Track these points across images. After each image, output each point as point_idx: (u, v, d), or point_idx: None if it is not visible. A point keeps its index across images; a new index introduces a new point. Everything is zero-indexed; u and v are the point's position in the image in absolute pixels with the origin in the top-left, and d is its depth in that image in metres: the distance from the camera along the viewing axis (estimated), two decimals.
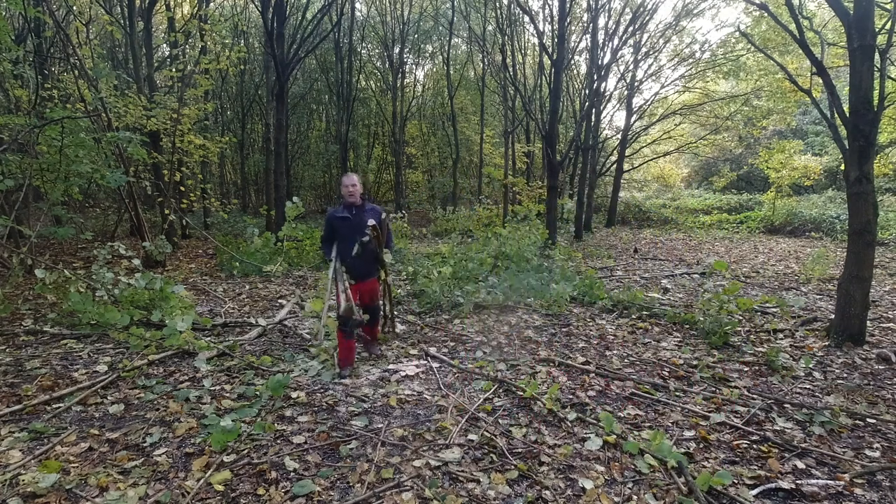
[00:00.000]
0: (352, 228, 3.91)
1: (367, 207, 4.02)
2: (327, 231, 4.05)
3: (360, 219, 3.93)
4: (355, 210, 3.95)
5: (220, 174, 22.72)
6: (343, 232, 3.94)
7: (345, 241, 3.93)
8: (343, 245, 3.94)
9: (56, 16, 8.01)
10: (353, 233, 3.90)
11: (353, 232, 3.90)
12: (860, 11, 4.48)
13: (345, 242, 3.93)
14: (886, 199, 16.09)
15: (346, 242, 3.92)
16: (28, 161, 6.57)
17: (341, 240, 3.95)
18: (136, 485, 2.42)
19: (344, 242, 3.93)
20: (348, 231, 3.92)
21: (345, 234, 3.93)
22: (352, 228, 3.91)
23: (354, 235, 3.88)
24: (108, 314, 4.22)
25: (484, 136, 19.52)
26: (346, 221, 3.93)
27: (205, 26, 10.70)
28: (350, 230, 3.91)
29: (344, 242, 3.93)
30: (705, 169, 26.81)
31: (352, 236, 3.90)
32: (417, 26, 20.14)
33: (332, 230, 4.01)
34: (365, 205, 4.02)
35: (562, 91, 14.86)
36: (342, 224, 3.94)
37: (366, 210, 3.99)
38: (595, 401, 3.49)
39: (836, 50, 11.36)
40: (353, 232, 3.90)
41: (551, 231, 10.55)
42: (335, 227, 3.97)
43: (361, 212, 3.96)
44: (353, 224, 3.91)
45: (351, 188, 3.91)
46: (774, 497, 2.41)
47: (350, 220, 3.92)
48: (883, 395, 3.59)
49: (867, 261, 4.58)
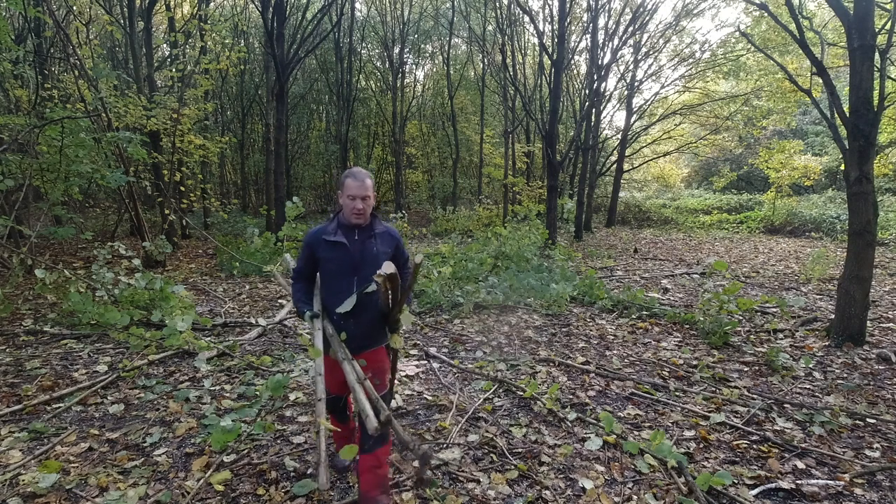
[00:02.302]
0: (349, 264, 2.22)
1: (379, 229, 2.31)
2: (304, 263, 2.33)
3: (364, 248, 2.24)
4: (358, 233, 2.25)
5: (220, 174, 22.71)
6: (332, 268, 2.25)
7: (335, 283, 2.26)
8: (331, 290, 2.28)
9: (56, 16, 8.01)
10: (349, 271, 2.23)
11: (351, 270, 2.23)
12: (860, 11, 4.48)
13: (335, 286, 2.26)
14: (886, 199, 16.09)
15: (336, 286, 2.26)
16: (28, 161, 6.57)
17: (329, 280, 2.29)
18: (136, 485, 2.42)
19: (333, 286, 2.27)
20: (342, 268, 2.23)
21: (335, 272, 2.25)
22: (349, 264, 2.22)
23: (352, 276, 2.23)
24: (108, 314, 4.23)
25: (484, 136, 19.52)
26: (339, 251, 2.22)
27: (205, 26, 10.71)
28: (346, 266, 2.23)
29: (333, 286, 2.27)
30: (705, 169, 26.82)
31: (347, 277, 2.23)
32: (417, 26, 20.14)
33: (313, 263, 2.32)
34: (375, 224, 2.31)
35: (562, 91, 14.87)
36: (333, 254, 2.23)
37: (375, 234, 2.29)
38: (595, 401, 3.49)
39: (836, 50, 11.37)
40: (351, 270, 2.23)
41: (551, 231, 10.55)
42: (320, 258, 2.27)
43: (368, 237, 2.26)
44: (353, 256, 2.22)
45: (361, 202, 2.19)
46: (774, 497, 2.41)
47: (347, 248, 2.22)
48: (883, 395, 3.59)
49: (867, 261, 4.58)
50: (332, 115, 22.50)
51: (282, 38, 9.95)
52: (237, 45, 14.29)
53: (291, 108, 18.46)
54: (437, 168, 24.96)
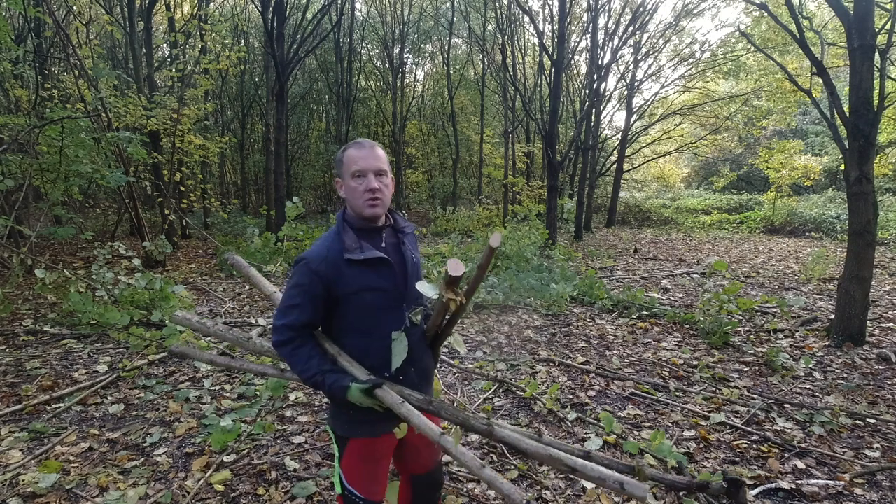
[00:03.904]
0: (395, 290, 1.49)
1: (408, 228, 1.61)
2: (312, 309, 1.43)
3: (404, 258, 1.53)
4: (386, 237, 1.53)
5: (220, 174, 22.70)
6: (371, 302, 1.45)
7: (377, 324, 1.47)
8: (371, 337, 1.48)
9: (56, 16, 8.01)
10: (397, 300, 1.50)
11: (397, 298, 1.50)
12: (860, 11, 4.48)
13: (377, 329, 1.47)
14: (886, 199, 16.09)
15: (378, 329, 1.47)
16: (28, 161, 6.57)
17: (365, 321, 1.47)
18: (136, 485, 2.42)
19: (375, 329, 1.47)
20: (388, 298, 1.48)
21: (375, 308, 1.46)
22: (395, 290, 1.49)
23: (400, 306, 1.50)
24: (108, 314, 4.23)
25: (484, 136, 19.52)
26: (380, 273, 1.46)
27: (205, 26, 10.71)
28: (392, 295, 1.48)
29: (375, 329, 1.47)
30: (705, 169, 26.81)
31: (394, 311, 1.49)
32: (417, 26, 20.14)
33: (326, 305, 1.45)
34: (398, 219, 1.60)
35: (562, 91, 14.85)
36: (369, 281, 1.44)
37: (405, 232, 1.59)
38: (595, 401, 3.49)
39: (836, 50, 11.37)
40: (397, 298, 1.50)
41: (551, 231, 10.55)
42: (344, 293, 1.42)
43: (398, 240, 1.56)
44: (397, 276, 1.49)
45: (375, 179, 1.43)
46: (774, 497, 2.41)
47: (391, 265, 1.47)
48: (883, 395, 3.59)
49: (867, 261, 4.58)
50: (332, 115, 22.50)
51: (282, 38, 9.95)
52: (237, 45, 14.29)
53: (291, 108, 18.46)
54: (437, 168, 24.96)
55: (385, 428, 1.48)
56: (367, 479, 1.53)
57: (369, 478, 1.53)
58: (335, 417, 1.53)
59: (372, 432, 1.49)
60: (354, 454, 1.51)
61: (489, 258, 1.28)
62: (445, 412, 1.42)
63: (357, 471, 1.52)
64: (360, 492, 1.52)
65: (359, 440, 1.49)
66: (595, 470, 1.23)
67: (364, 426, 1.48)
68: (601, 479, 1.21)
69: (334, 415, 1.54)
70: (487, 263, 1.31)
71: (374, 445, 1.51)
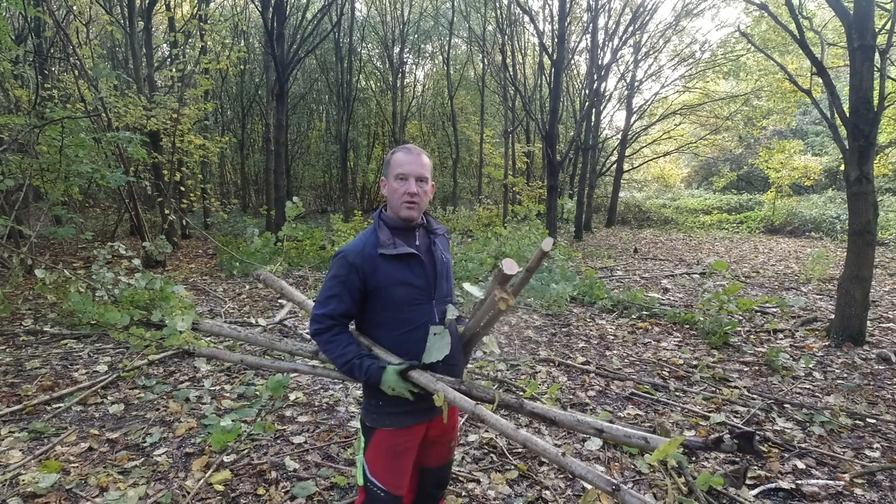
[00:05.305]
0: (426, 285, 1.59)
1: (440, 229, 1.72)
2: (350, 299, 1.54)
3: (434, 257, 1.64)
4: (419, 237, 1.64)
5: (220, 174, 22.71)
6: (404, 295, 1.55)
7: (409, 317, 1.57)
8: (402, 329, 1.57)
9: (56, 16, 8.01)
10: (427, 294, 1.59)
11: (428, 293, 1.59)
12: (860, 11, 4.48)
13: (407, 321, 1.56)
14: (886, 199, 16.09)
15: (409, 321, 1.57)
16: (28, 161, 6.57)
17: (396, 314, 1.56)
18: (136, 485, 2.42)
19: (406, 321, 1.56)
20: (419, 293, 1.57)
21: (407, 301, 1.56)
22: (426, 285, 1.59)
23: (430, 301, 1.59)
24: (108, 314, 4.22)
25: (484, 136, 19.53)
26: (412, 268, 1.56)
27: (205, 26, 10.72)
28: (423, 289, 1.58)
29: (406, 321, 1.56)
30: (705, 169, 26.82)
31: (424, 304, 1.58)
32: (417, 26, 20.14)
33: (363, 297, 1.55)
34: (430, 222, 1.70)
35: (562, 91, 14.86)
36: (402, 275, 1.54)
37: (438, 234, 1.70)
38: (595, 401, 3.50)
39: (836, 50, 11.36)
40: (428, 293, 1.59)
41: (551, 231, 10.55)
42: (377, 287, 1.53)
43: (430, 241, 1.67)
44: (428, 273, 1.60)
45: (415, 184, 1.55)
46: (774, 497, 2.41)
47: (422, 261, 1.58)
48: (883, 395, 3.59)
49: (867, 261, 4.58)
50: (332, 115, 22.50)
51: (282, 38, 9.96)
52: (237, 45, 14.30)
53: (291, 108, 18.46)
54: (437, 168, 24.96)
55: (410, 420, 1.59)
56: (389, 471, 1.60)
57: (392, 470, 1.60)
58: (366, 409, 1.63)
59: (398, 423, 1.58)
60: (379, 445, 1.59)
61: (539, 261, 1.34)
62: (477, 390, 1.53)
63: (380, 462, 1.60)
64: (383, 483, 1.59)
65: (384, 431, 1.58)
66: (620, 430, 1.34)
67: (391, 417, 1.58)
68: (627, 436, 1.32)
69: (366, 406, 1.63)
70: (536, 266, 1.37)
71: (399, 437, 1.59)
